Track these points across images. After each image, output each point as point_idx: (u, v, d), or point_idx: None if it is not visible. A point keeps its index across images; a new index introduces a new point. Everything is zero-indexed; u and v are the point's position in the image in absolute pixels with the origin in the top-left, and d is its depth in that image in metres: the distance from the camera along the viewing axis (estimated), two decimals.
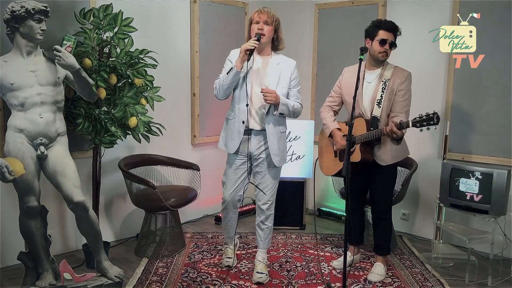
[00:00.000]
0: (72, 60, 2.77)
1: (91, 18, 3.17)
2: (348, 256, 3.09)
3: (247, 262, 3.53)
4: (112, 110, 3.19)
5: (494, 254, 3.32)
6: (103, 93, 3.14)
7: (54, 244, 3.30)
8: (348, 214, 2.79)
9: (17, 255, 2.90)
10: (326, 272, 3.40)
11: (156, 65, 3.35)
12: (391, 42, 3.06)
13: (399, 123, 2.88)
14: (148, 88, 3.33)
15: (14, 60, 2.75)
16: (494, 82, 3.65)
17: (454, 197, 3.41)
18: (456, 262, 3.57)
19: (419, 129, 2.84)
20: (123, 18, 3.20)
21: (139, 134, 3.27)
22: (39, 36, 2.76)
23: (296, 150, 4.29)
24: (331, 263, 3.52)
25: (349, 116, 3.22)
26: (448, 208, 3.55)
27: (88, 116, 3.17)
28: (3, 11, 2.74)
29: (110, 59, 3.21)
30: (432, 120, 2.77)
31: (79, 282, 2.93)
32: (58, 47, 2.73)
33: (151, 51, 3.31)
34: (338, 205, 4.63)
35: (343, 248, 3.28)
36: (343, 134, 3.23)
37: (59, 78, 2.86)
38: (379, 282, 3.23)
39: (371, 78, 3.19)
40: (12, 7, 2.69)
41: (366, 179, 3.28)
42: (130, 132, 3.27)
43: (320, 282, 3.23)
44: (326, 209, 4.73)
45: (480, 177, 3.29)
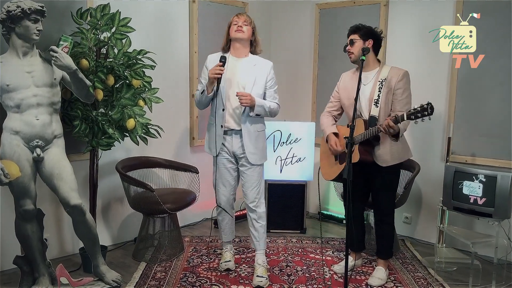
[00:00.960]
0: (68, 61, 2.75)
1: (88, 18, 3.15)
2: (349, 261, 3.06)
3: (246, 266, 3.50)
4: (110, 112, 3.17)
5: (498, 258, 3.29)
6: (100, 94, 3.12)
7: (51, 248, 3.29)
8: (349, 219, 2.75)
9: (12, 259, 2.89)
10: (328, 276, 3.36)
11: (154, 66, 3.33)
12: (350, 40, 3.12)
13: (394, 117, 2.87)
14: (146, 89, 3.31)
15: (10, 61, 2.73)
16: (498, 84, 3.62)
17: (457, 200, 3.38)
18: (460, 267, 3.54)
19: (414, 121, 2.81)
20: (121, 18, 3.18)
21: (137, 136, 3.24)
22: (35, 37, 2.75)
23: (296, 152, 4.26)
24: (332, 268, 3.49)
25: (349, 120, 3.25)
26: (451, 211, 3.53)
27: (85, 118, 3.15)
28: None
29: (108, 60, 3.19)
30: (426, 110, 2.74)
31: (76, 286, 2.94)
32: (54, 47, 2.72)
33: (149, 52, 3.29)
34: (339, 208, 4.59)
35: (344, 252, 3.24)
36: (344, 136, 3.21)
37: (55, 79, 2.85)
38: (381, 287, 3.20)
39: (367, 80, 3.18)
40: (8, 7, 2.68)
41: (366, 181, 3.24)
42: (127, 134, 3.25)
43: (321, 286, 3.19)
44: (327, 212, 4.69)
45: (483, 180, 3.26)
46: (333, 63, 4.53)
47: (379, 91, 3.08)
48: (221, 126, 3.15)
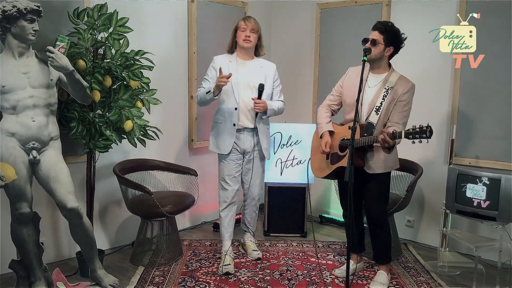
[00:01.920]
0: (65, 61, 2.74)
1: (85, 18, 3.13)
2: (351, 265, 3.03)
3: (246, 271, 3.47)
4: (107, 113, 3.16)
5: (502, 262, 3.28)
6: (97, 95, 3.10)
7: (47, 252, 3.27)
8: (350, 221, 2.72)
9: (8, 263, 2.88)
10: (329, 281, 3.33)
11: (153, 66, 3.31)
12: (372, 40, 2.99)
13: (392, 133, 2.83)
14: (144, 90, 3.30)
15: (5, 62, 2.71)
16: (501, 85, 3.59)
17: (460, 203, 3.36)
18: (463, 271, 3.52)
19: (411, 141, 2.77)
20: (118, 18, 3.17)
21: (135, 138, 3.23)
22: (32, 37, 2.73)
23: (297, 155, 4.23)
24: (333, 272, 3.45)
25: (343, 118, 3.25)
26: (454, 214, 3.51)
27: (82, 120, 3.13)
28: None
29: (105, 60, 3.17)
30: (424, 133, 2.70)
31: None
32: (51, 48, 2.71)
33: (147, 52, 3.27)
34: (340, 211, 4.53)
35: (345, 256, 3.21)
36: (342, 138, 3.15)
37: (52, 80, 2.84)
38: None
39: (374, 83, 3.12)
40: (3, 7, 2.66)
41: (360, 184, 3.19)
42: (125, 136, 3.24)
43: None
44: (328, 215, 4.64)
45: (487, 182, 3.24)
46: (334, 64, 4.50)
47: (383, 99, 3.03)
48: (233, 125, 3.38)
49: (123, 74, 3.17)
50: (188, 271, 3.42)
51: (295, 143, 4.22)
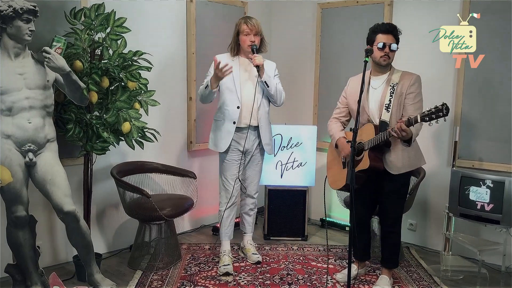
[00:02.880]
0: (62, 62, 2.72)
1: (82, 18, 3.11)
2: (353, 269, 2.98)
3: (246, 275, 3.43)
4: (104, 115, 3.14)
5: (506, 266, 3.28)
6: (94, 97, 3.09)
7: (43, 256, 3.27)
8: (353, 225, 2.68)
9: (4, 267, 2.88)
10: (330, 285, 3.28)
11: (151, 67, 3.30)
12: (390, 44, 2.99)
13: (408, 119, 2.80)
14: (142, 91, 3.29)
15: (1, 62, 2.69)
16: (505, 86, 3.56)
17: (464, 206, 3.35)
18: (466, 275, 3.49)
19: (428, 123, 2.74)
20: (116, 18, 3.15)
21: (133, 140, 3.21)
22: (28, 37, 2.72)
23: (297, 157, 4.19)
24: (334, 276, 3.40)
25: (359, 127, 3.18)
26: (457, 218, 3.50)
27: (79, 121, 3.12)
28: None
29: (102, 61, 3.15)
30: (441, 111, 2.67)
31: None
32: (47, 48, 2.70)
33: (145, 53, 3.26)
34: (342, 215, 4.52)
35: (347, 260, 3.17)
36: (347, 140, 3.14)
37: (48, 81, 2.83)
38: None
39: (377, 84, 3.11)
40: None
41: (375, 188, 3.15)
42: (123, 138, 3.22)
43: None
44: (330, 219, 4.61)
45: (491, 185, 3.24)
46: (335, 64, 4.47)
47: (391, 96, 3.01)
48: (233, 123, 3.38)
49: (120, 75, 3.15)
50: (187, 275, 3.39)
51: (295, 145, 4.18)
